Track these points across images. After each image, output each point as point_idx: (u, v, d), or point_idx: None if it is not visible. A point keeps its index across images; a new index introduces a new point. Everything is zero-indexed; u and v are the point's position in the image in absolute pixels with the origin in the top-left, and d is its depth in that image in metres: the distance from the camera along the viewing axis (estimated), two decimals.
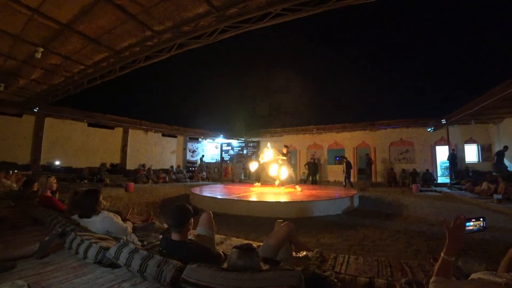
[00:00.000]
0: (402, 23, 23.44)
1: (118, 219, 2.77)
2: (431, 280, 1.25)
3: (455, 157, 12.72)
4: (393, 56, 23.68)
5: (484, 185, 8.65)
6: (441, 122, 12.70)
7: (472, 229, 1.42)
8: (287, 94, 21.48)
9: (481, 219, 1.44)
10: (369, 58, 24.21)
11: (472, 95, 9.59)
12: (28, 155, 12.09)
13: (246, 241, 3.01)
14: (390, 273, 2.35)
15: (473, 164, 13.35)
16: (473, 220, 1.42)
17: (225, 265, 1.66)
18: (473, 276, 1.33)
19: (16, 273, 1.79)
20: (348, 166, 13.37)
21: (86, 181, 11.71)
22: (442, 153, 14.34)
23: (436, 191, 11.26)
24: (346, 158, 14.53)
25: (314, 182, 14.56)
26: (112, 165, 14.83)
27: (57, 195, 4.12)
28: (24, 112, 11.90)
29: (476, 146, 13.67)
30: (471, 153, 13.81)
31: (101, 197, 2.74)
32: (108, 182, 12.07)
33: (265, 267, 1.59)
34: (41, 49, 6.57)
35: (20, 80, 8.84)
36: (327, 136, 17.26)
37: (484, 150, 13.34)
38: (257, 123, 20.22)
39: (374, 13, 20.13)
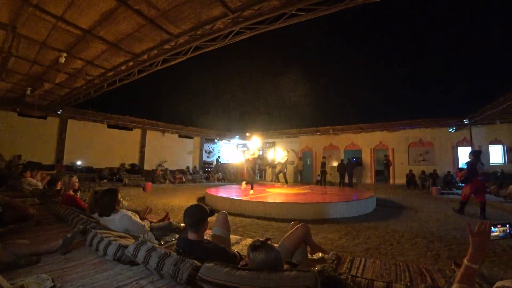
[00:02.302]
0: (422, 20, 22.73)
1: (136, 217, 2.84)
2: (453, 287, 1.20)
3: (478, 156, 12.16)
4: (412, 54, 22.98)
5: (511, 188, 8.25)
6: (463, 122, 12.23)
7: (498, 236, 1.35)
8: (303, 94, 21.31)
9: (508, 225, 1.36)
10: (387, 56, 23.62)
11: (497, 94, 9.18)
12: (52, 155, 12.64)
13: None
14: (409, 278, 2.29)
15: (498, 166, 12.75)
16: (499, 226, 1.35)
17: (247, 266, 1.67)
18: (498, 284, 1.27)
19: (41, 267, 1.88)
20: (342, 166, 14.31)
21: (105, 181, 12.13)
22: (464, 154, 13.78)
23: (458, 194, 10.81)
24: (342, 160, 15.16)
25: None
26: (131, 165, 15.24)
27: (78, 194, 4.28)
28: (49, 115, 12.47)
29: (502, 147, 13.04)
30: (496, 155, 13.19)
31: (119, 196, 2.82)
32: (127, 182, 12.43)
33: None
34: (65, 54, 6.85)
35: (45, 84, 9.26)
36: (343, 137, 17.02)
37: (511, 151, 12.70)
38: (273, 124, 20.21)
39: (392, 10, 19.64)
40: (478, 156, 6.66)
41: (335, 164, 15.90)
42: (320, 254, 2.76)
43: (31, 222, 3.07)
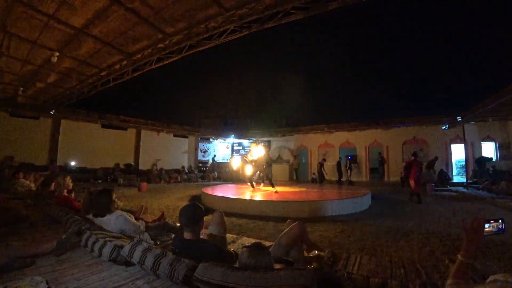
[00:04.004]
0: (415, 19, 22.93)
1: (131, 218, 2.82)
2: (448, 283, 1.21)
3: (485, 160, 12.32)
4: (406, 53, 23.17)
5: (503, 184, 8.36)
6: (456, 119, 12.36)
7: (490, 231, 1.37)
8: (298, 93, 21.37)
9: (500, 221, 1.38)
10: (381, 55, 23.79)
11: (489, 91, 9.30)
12: (45, 156, 12.48)
13: (257, 241, 3.01)
14: (404, 274, 2.31)
15: (490, 162, 12.93)
16: (491, 221, 1.37)
17: (236, 265, 1.67)
18: (491, 278, 1.28)
19: (35, 270, 1.85)
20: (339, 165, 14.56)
21: (100, 181, 12.01)
22: (457, 151, 13.95)
23: (451, 190, 10.96)
24: (340, 158, 15.50)
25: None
26: (125, 165, 15.13)
27: (73, 195, 4.23)
28: (41, 115, 12.29)
29: (494, 144, 13.23)
30: (489, 151, 13.38)
31: (114, 196, 2.80)
32: (121, 182, 12.33)
33: (277, 266, 1.58)
34: (57, 54, 6.77)
35: (37, 84, 9.14)
36: (338, 135, 17.09)
37: (503, 148, 12.89)
38: (268, 122, 20.23)
39: (386, 8, 19.78)
40: (416, 156, 8.48)
41: (328, 162, 16.05)
42: (316, 252, 2.78)
43: (24, 224, 3.03)
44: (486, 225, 1.32)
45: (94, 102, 13.59)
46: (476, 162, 12.40)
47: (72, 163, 13.19)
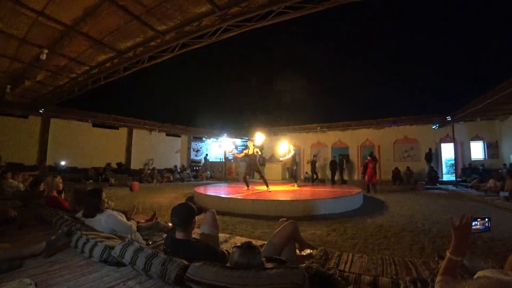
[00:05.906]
0: (405, 20, 23.22)
1: (122, 217, 2.79)
2: (437, 280, 1.24)
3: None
4: (397, 53, 23.44)
5: (491, 182, 8.56)
6: (446, 119, 12.59)
7: (478, 229, 1.41)
8: (291, 92, 21.45)
9: (487, 219, 1.42)
10: (373, 56, 24.03)
11: (478, 92, 9.52)
12: (34, 155, 12.24)
13: (247, 240, 3.01)
14: (395, 271, 2.34)
15: (479, 161, 13.22)
16: (479, 219, 1.41)
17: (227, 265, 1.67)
18: (479, 274, 1.31)
19: (23, 272, 1.82)
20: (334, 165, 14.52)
21: (91, 181, 11.84)
22: (447, 150, 14.21)
23: (441, 189, 11.16)
24: (334, 157, 15.49)
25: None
26: (117, 164, 14.95)
27: (63, 195, 4.16)
28: (30, 114, 12.05)
29: (482, 143, 13.52)
30: (477, 150, 13.67)
31: (103, 196, 2.77)
32: (113, 181, 12.19)
33: (270, 265, 1.59)
34: (46, 51, 6.63)
35: (25, 82, 8.93)
36: (331, 135, 17.22)
37: (491, 147, 13.18)
38: (260, 122, 20.23)
39: (377, 10, 19.95)
40: (371, 155, 10.99)
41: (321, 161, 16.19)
42: (308, 250, 2.79)
43: (13, 225, 2.97)
44: (473, 223, 1.36)
45: (85, 101, 13.41)
46: (468, 169, 12.74)
47: (63, 163, 12.98)
